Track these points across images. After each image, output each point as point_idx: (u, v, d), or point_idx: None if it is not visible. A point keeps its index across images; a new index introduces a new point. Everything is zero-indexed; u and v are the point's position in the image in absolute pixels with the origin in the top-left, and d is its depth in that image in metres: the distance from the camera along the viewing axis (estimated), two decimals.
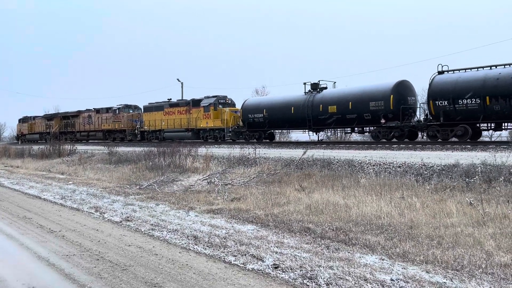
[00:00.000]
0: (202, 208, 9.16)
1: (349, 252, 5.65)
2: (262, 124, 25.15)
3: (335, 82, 24.11)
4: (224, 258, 5.71)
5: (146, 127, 34.22)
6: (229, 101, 29.34)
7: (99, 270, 5.36)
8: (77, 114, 43.35)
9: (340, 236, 6.43)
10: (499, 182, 8.64)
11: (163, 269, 5.35)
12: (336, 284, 4.55)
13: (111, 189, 12.76)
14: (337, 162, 12.73)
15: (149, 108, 34.36)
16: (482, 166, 9.52)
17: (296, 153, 15.23)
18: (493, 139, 29.88)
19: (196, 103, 29.83)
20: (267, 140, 26.10)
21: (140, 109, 37.39)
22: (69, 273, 5.27)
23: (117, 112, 37.60)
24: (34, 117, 52.71)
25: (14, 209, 10.22)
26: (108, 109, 39.10)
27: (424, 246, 5.70)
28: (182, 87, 45.65)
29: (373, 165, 11.71)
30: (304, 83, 23.43)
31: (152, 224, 7.87)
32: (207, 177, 13.22)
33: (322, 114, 21.79)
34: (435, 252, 5.42)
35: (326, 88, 23.12)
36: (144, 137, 34.44)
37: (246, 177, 12.61)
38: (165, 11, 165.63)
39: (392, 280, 4.57)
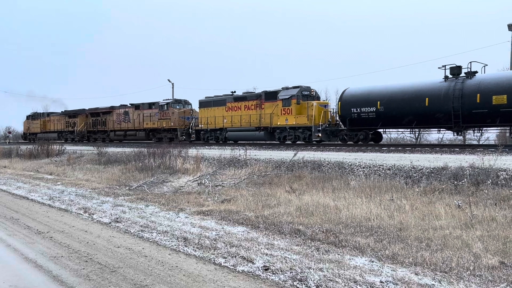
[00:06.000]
0: (192, 209, 9.12)
1: (339, 254, 5.67)
2: (373, 120, 19.73)
3: (485, 65, 18.23)
4: (214, 260, 5.69)
5: (202, 126, 29.23)
6: (314, 93, 23.96)
7: (87, 272, 5.31)
8: (110, 110, 38.40)
9: (330, 238, 6.45)
10: (487, 185, 8.75)
11: (152, 271, 5.32)
12: (326, 286, 4.56)
13: (100, 190, 12.65)
14: (328, 164, 12.78)
15: (207, 103, 29.21)
16: (470, 169, 9.62)
17: (286, 155, 15.25)
18: (481, 143, 30.29)
19: (270, 96, 24.90)
20: (372, 142, 21.11)
21: (190, 104, 33.15)
22: (57, 275, 5.21)
23: (165, 107, 32.40)
24: (49, 114, 47.96)
25: (1, 210, 10.08)
26: (151, 105, 34.18)
27: (413, 248, 5.74)
28: (172, 87, 45.60)
29: (363, 168, 11.77)
30: (444, 66, 17.94)
31: (141, 226, 7.82)
32: (197, 178, 13.18)
33: (479, 106, 16.44)
34: (424, 254, 5.46)
35: (476, 72, 17.66)
36: (200, 137, 29.70)
37: (236, 179, 12.59)
38: (153, 9, 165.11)
39: (381, 282, 4.59)
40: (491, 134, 25.76)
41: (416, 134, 25.51)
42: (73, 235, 7.36)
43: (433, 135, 21.40)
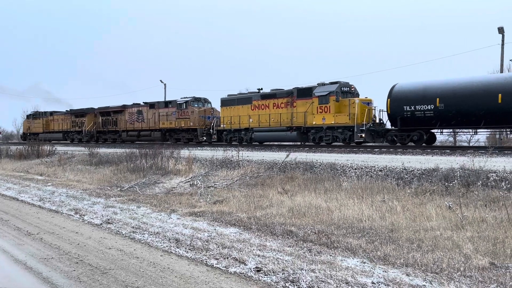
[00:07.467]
0: (184, 210, 9.09)
1: (331, 255, 5.68)
2: (430, 119, 17.64)
3: None
4: (206, 261, 5.67)
5: (224, 125, 27.02)
6: (354, 90, 21.90)
7: (78, 274, 5.26)
8: (121, 109, 35.75)
9: (322, 239, 6.47)
10: (477, 187, 8.83)
11: (144, 272, 5.29)
12: (318, 287, 4.56)
13: (91, 191, 12.56)
14: (320, 165, 12.81)
15: (229, 101, 27.03)
16: (461, 170, 9.70)
17: (279, 156, 15.27)
18: (471, 144, 30.57)
19: (303, 92, 22.82)
20: (424, 144, 18.95)
21: (210, 102, 30.85)
22: (47, 277, 5.16)
23: (184, 106, 29.95)
24: (52, 113, 45.00)
25: None
26: (167, 103, 32.02)
27: (405, 249, 5.77)
28: (165, 88, 45.48)
29: (355, 169, 11.82)
30: None
31: (133, 227, 7.77)
32: (189, 180, 13.14)
33: None
34: (415, 255, 5.49)
35: None
36: (222, 138, 27.40)
37: (229, 180, 12.58)
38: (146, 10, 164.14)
39: (373, 283, 4.61)
40: (481, 136, 25.66)
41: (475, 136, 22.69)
42: (64, 236, 7.29)
43: None
